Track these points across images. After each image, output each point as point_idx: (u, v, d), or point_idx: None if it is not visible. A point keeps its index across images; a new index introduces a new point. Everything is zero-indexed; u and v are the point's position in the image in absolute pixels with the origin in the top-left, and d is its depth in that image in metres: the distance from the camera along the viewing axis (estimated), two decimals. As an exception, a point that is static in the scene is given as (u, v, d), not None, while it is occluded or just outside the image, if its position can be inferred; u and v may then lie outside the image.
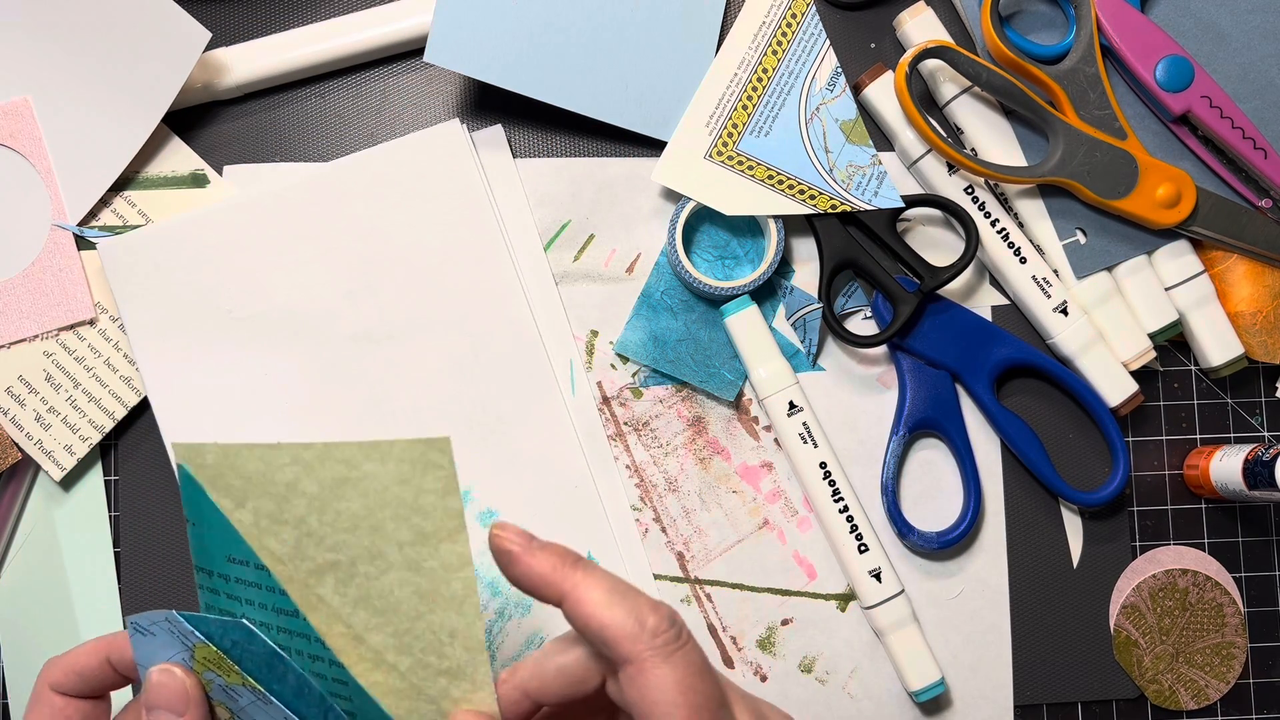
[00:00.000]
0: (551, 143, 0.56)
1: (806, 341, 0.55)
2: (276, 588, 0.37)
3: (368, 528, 0.36)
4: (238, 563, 0.37)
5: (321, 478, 0.36)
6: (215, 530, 0.37)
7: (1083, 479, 0.56)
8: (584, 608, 0.35)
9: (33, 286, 0.52)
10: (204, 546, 0.37)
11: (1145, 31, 0.54)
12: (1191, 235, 0.55)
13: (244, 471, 0.36)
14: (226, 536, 0.37)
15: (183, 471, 0.37)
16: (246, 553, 0.37)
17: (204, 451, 0.36)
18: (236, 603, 0.37)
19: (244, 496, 0.36)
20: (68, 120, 0.52)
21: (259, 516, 0.36)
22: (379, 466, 0.35)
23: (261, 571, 0.37)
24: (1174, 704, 0.55)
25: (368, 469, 0.35)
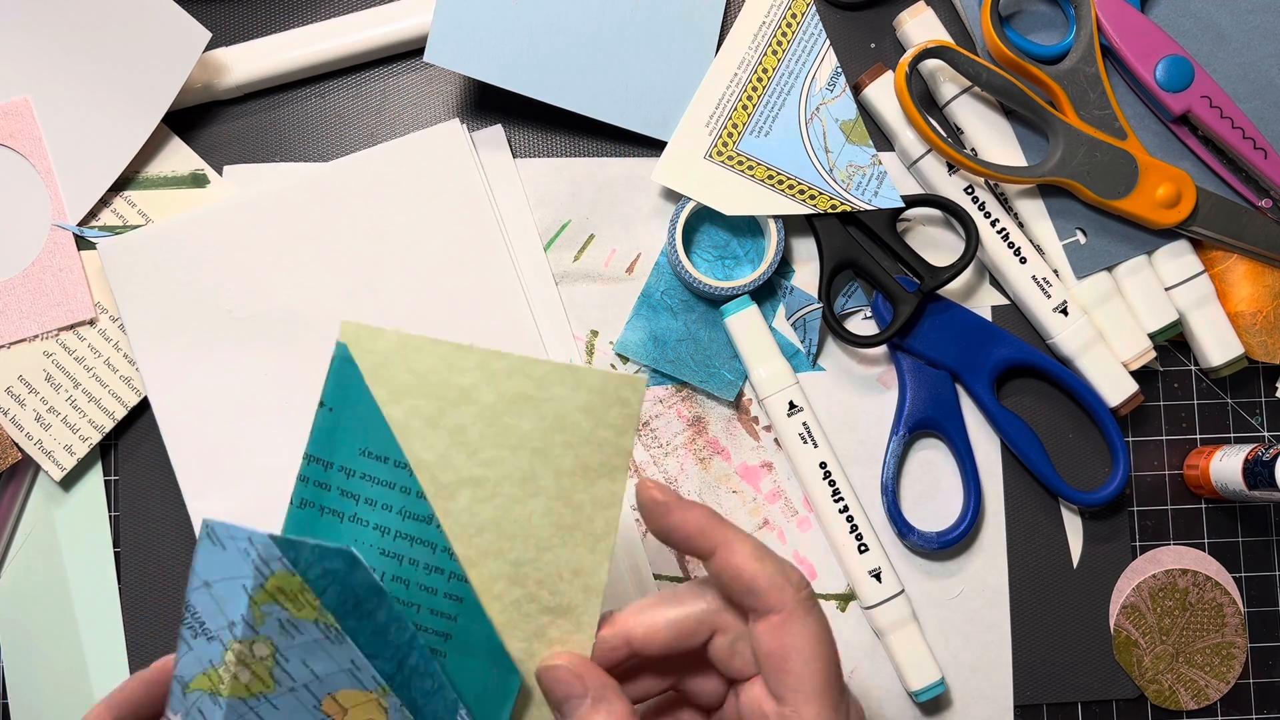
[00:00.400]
0: (551, 143, 0.56)
1: (806, 341, 0.55)
2: (414, 490, 0.36)
3: (531, 449, 0.36)
4: (372, 457, 0.36)
5: (503, 389, 0.35)
6: (356, 419, 0.35)
7: (1083, 479, 0.56)
8: (737, 559, 0.37)
9: (33, 286, 0.53)
10: (333, 434, 0.36)
11: (1145, 31, 0.54)
12: (1191, 235, 0.55)
13: (417, 366, 0.35)
14: (370, 428, 0.35)
15: (341, 351, 0.35)
16: (389, 448, 0.36)
17: (378, 336, 0.35)
18: (351, 500, 0.36)
19: (404, 392, 0.35)
20: (68, 120, 0.52)
21: (411, 416, 0.35)
22: (568, 391, 0.36)
23: (400, 470, 0.36)
24: (1174, 704, 0.55)
25: (555, 391, 0.36)
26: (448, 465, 0.36)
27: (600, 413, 0.36)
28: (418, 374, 0.36)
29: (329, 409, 0.36)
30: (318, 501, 0.36)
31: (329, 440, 0.36)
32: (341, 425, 0.36)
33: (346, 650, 0.35)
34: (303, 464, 0.36)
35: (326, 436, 0.36)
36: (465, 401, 0.36)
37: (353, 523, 0.36)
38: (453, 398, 0.36)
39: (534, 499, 0.36)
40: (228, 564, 0.34)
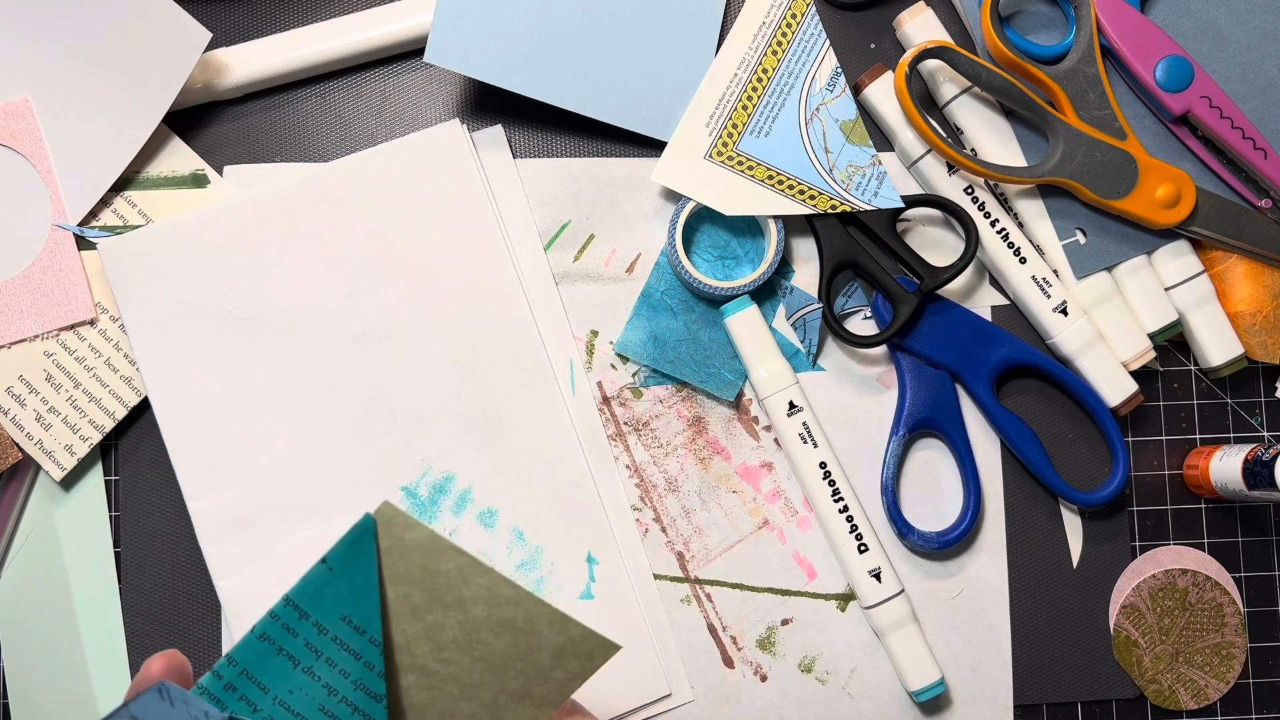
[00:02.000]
0: (551, 143, 0.56)
1: (806, 341, 0.55)
2: (377, 668, 0.38)
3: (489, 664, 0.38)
4: (350, 626, 0.37)
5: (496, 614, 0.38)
6: (353, 587, 0.37)
7: (1083, 479, 0.56)
8: None
9: (33, 286, 0.53)
10: (323, 592, 0.37)
11: (1145, 31, 0.54)
12: (1191, 235, 0.55)
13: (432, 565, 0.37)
14: (362, 600, 0.37)
15: (366, 524, 0.37)
16: (370, 624, 0.37)
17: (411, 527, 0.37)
18: (312, 654, 0.38)
19: (407, 581, 0.38)
20: (68, 120, 0.52)
21: (401, 602, 0.38)
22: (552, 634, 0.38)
23: (374, 648, 0.38)
24: (1174, 704, 0.55)
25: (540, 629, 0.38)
26: (409, 651, 0.38)
27: (565, 658, 0.39)
28: (429, 571, 0.38)
29: (329, 568, 0.37)
30: (279, 642, 0.37)
31: (316, 595, 0.37)
32: (335, 587, 0.37)
33: None
34: (279, 603, 0.37)
35: (315, 591, 0.37)
36: (457, 608, 0.38)
37: (305, 674, 0.37)
38: (448, 602, 0.38)
39: (468, 702, 0.39)
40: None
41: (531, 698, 0.39)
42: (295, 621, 0.37)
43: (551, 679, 0.39)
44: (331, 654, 0.38)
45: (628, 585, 0.53)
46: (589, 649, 0.38)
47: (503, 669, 0.39)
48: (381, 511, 0.37)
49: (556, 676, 0.39)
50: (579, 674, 0.39)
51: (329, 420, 0.52)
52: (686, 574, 0.54)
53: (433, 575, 0.38)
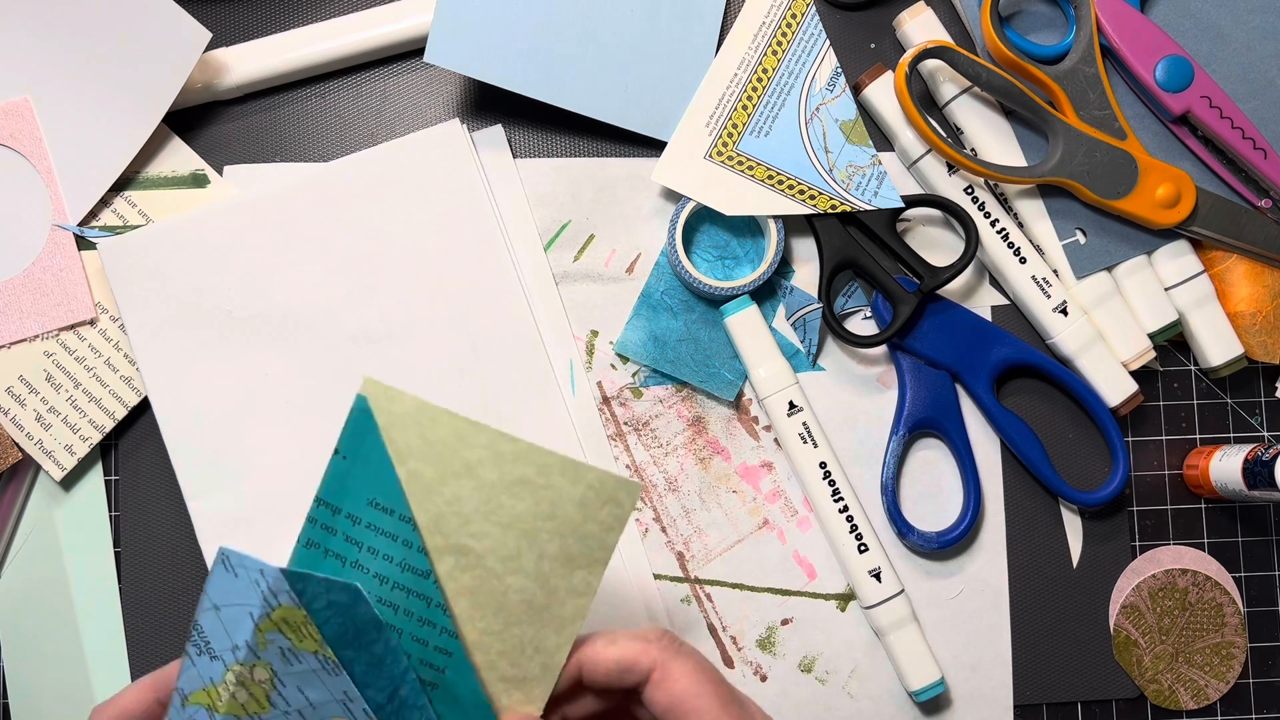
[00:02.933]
0: (551, 143, 0.56)
1: (806, 341, 0.55)
2: (415, 544, 0.38)
3: (520, 530, 0.38)
4: (379, 509, 0.37)
5: (506, 471, 0.37)
6: (369, 469, 0.37)
7: (1083, 479, 0.56)
8: (595, 654, 0.40)
9: (33, 286, 0.53)
10: (344, 482, 0.37)
11: (1145, 31, 0.54)
12: (1191, 235, 0.55)
13: (429, 434, 0.37)
14: (380, 480, 0.37)
15: (360, 403, 0.37)
16: (397, 502, 0.37)
17: (397, 399, 0.37)
18: (354, 547, 0.38)
19: (410, 455, 0.37)
20: (68, 120, 0.52)
21: (412, 479, 0.37)
22: (567, 484, 0.38)
23: (405, 524, 0.37)
24: (1174, 704, 0.55)
25: (555, 480, 0.38)
26: (439, 531, 0.38)
27: (593, 508, 0.38)
28: (428, 440, 0.37)
29: (343, 457, 0.37)
30: (323, 544, 0.38)
31: (340, 487, 0.37)
32: (353, 474, 0.37)
33: (341, 682, 0.37)
34: (313, 506, 0.37)
35: (338, 483, 0.37)
36: (467, 475, 0.38)
37: (354, 569, 0.38)
38: (456, 469, 0.37)
39: (513, 576, 0.39)
40: (238, 591, 0.36)
41: (575, 560, 0.39)
42: (330, 519, 0.38)
43: (587, 534, 0.38)
44: (371, 542, 0.38)
45: (628, 585, 0.53)
46: (611, 493, 0.38)
47: (534, 533, 0.38)
48: (366, 385, 0.37)
49: (591, 530, 0.38)
50: (611, 523, 0.38)
51: (329, 420, 0.52)
52: (686, 574, 0.54)
53: (432, 444, 0.37)
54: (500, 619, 0.39)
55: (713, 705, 0.39)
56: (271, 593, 0.36)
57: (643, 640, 0.40)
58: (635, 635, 0.40)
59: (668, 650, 0.40)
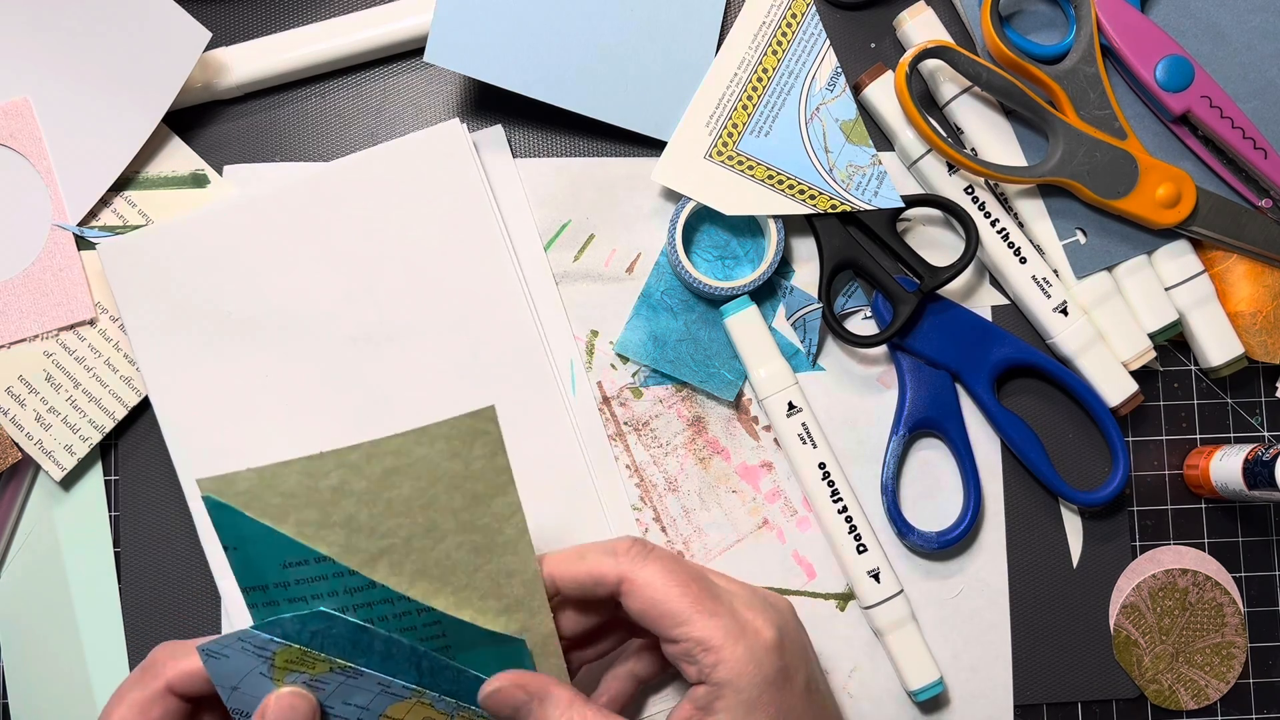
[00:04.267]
0: (551, 143, 0.56)
1: (806, 341, 0.55)
2: (344, 570, 0.38)
3: (420, 506, 0.38)
4: (294, 565, 0.38)
5: (370, 473, 0.38)
6: (261, 544, 0.38)
7: (1083, 479, 0.56)
8: (564, 571, 0.41)
9: (33, 286, 0.53)
10: (251, 565, 0.38)
11: (1145, 31, 0.54)
12: (1191, 235, 0.55)
13: (283, 489, 0.37)
14: (275, 545, 0.38)
15: (211, 502, 0.37)
16: (303, 552, 0.38)
17: (235, 481, 0.37)
18: (301, 604, 0.39)
19: (284, 513, 0.38)
20: (68, 120, 0.52)
21: (302, 527, 0.38)
22: (428, 449, 0.38)
23: (324, 563, 0.38)
24: (1174, 704, 0.55)
25: (418, 454, 0.38)
26: (354, 550, 0.38)
27: (466, 452, 0.38)
28: (286, 494, 0.37)
29: (233, 549, 0.38)
30: (276, 615, 0.39)
31: (251, 570, 0.38)
32: (252, 555, 0.38)
33: (370, 679, 0.39)
34: (244, 596, 0.38)
35: (246, 569, 0.38)
36: (341, 497, 0.38)
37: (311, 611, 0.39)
38: (328, 498, 0.38)
39: (443, 541, 0.39)
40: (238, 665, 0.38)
41: (483, 495, 0.39)
42: (264, 597, 0.38)
43: (477, 473, 0.39)
44: (310, 591, 0.38)
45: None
46: (470, 429, 0.38)
47: (431, 501, 0.38)
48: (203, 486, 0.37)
49: (478, 468, 0.39)
50: (491, 450, 0.38)
51: (329, 420, 0.52)
52: (686, 574, 0.54)
53: (292, 495, 0.37)
54: (460, 575, 0.39)
55: (683, 604, 0.39)
56: (260, 648, 0.38)
57: (611, 553, 0.40)
58: (604, 548, 0.41)
59: (635, 558, 0.40)
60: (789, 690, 0.41)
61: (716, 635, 0.39)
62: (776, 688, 0.40)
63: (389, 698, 0.39)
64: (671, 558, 0.41)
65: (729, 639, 0.39)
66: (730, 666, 0.39)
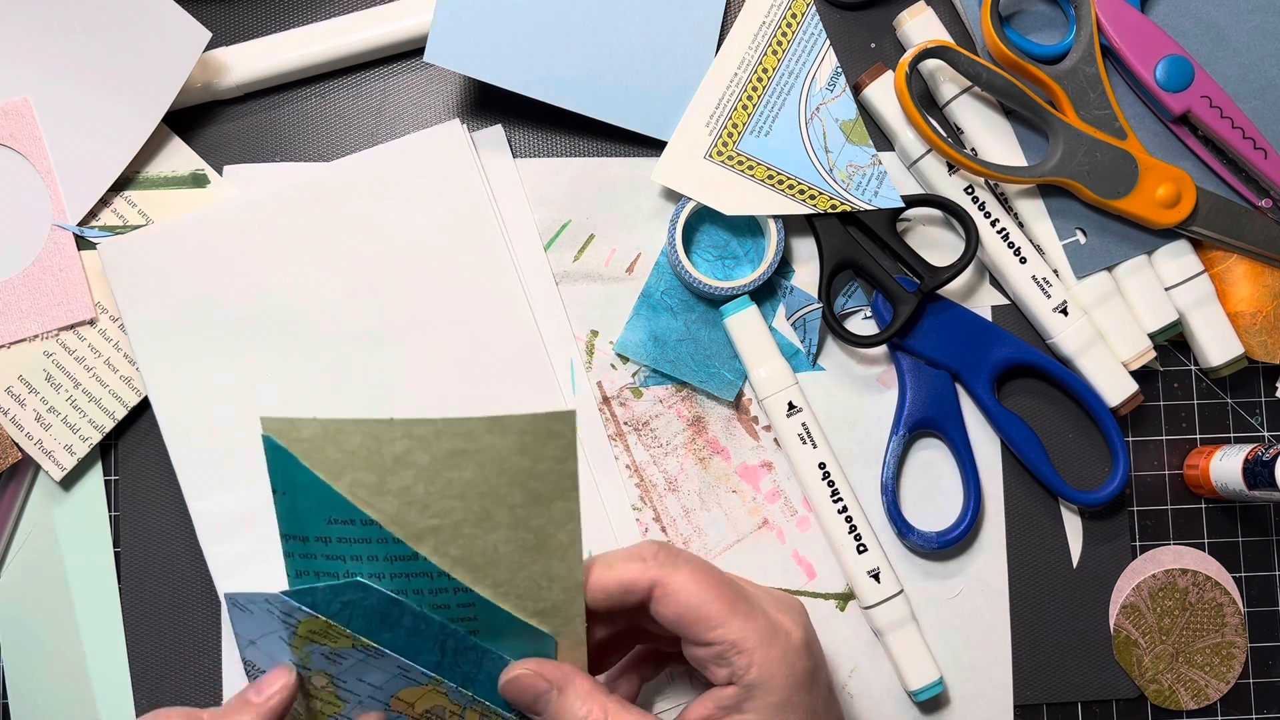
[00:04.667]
0: (551, 143, 0.56)
1: (806, 341, 0.55)
2: (389, 537, 0.38)
3: (478, 493, 0.38)
4: (340, 523, 0.38)
5: (435, 450, 0.37)
6: (311, 495, 0.37)
7: (1083, 479, 0.56)
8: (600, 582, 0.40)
9: (33, 286, 0.53)
10: (296, 514, 0.38)
11: (1145, 31, 0.54)
12: (1191, 235, 0.55)
13: (345, 445, 0.37)
14: (325, 499, 0.37)
15: (270, 443, 0.37)
16: (350, 512, 0.37)
17: (299, 426, 0.36)
18: (338, 561, 0.38)
19: (340, 470, 0.37)
20: (68, 120, 0.52)
21: (356, 488, 0.37)
22: (499, 439, 0.37)
23: (370, 526, 0.38)
24: (1174, 704, 0.55)
25: (487, 441, 0.37)
26: (403, 523, 0.38)
27: (536, 450, 0.38)
28: (348, 451, 0.37)
29: (282, 493, 0.37)
30: (310, 570, 0.38)
31: (294, 518, 0.38)
32: (300, 503, 0.37)
33: (389, 660, 0.39)
34: (283, 543, 0.38)
35: (291, 516, 0.38)
36: (402, 467, 0.37)
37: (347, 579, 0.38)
38: (389, 465, 0.37)
39: (494, 533, 0.39)
40: (261, 623, 0.38)
41: (543, 497, 0.38)
42: (303, 548, 0.38)
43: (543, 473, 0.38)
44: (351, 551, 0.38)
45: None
46: (547, 429, 0.38)
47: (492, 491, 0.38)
48: (266, 425, 0.36)
49: (545, 468, 0.38)
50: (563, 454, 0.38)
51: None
52: (686, 574, 0.54)
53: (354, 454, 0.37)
54: (503, 570, 0.39)
55: (717, 607, 0.39)
56: (286, 614, 0.37)
57: (639, 559, 0.40)
58: (631, 554, 0.40)
59: (665, 564, 0.40)
60: (815, 690, 0.41)
61: (751, 638, 0.39)
62: (805, 689, 0.40)
63: (405, 681, 0.39)
64: (700, 561, 0.41)
65: (763, 641, 0.40)
66: (764, 668, 0.39)
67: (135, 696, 0.53)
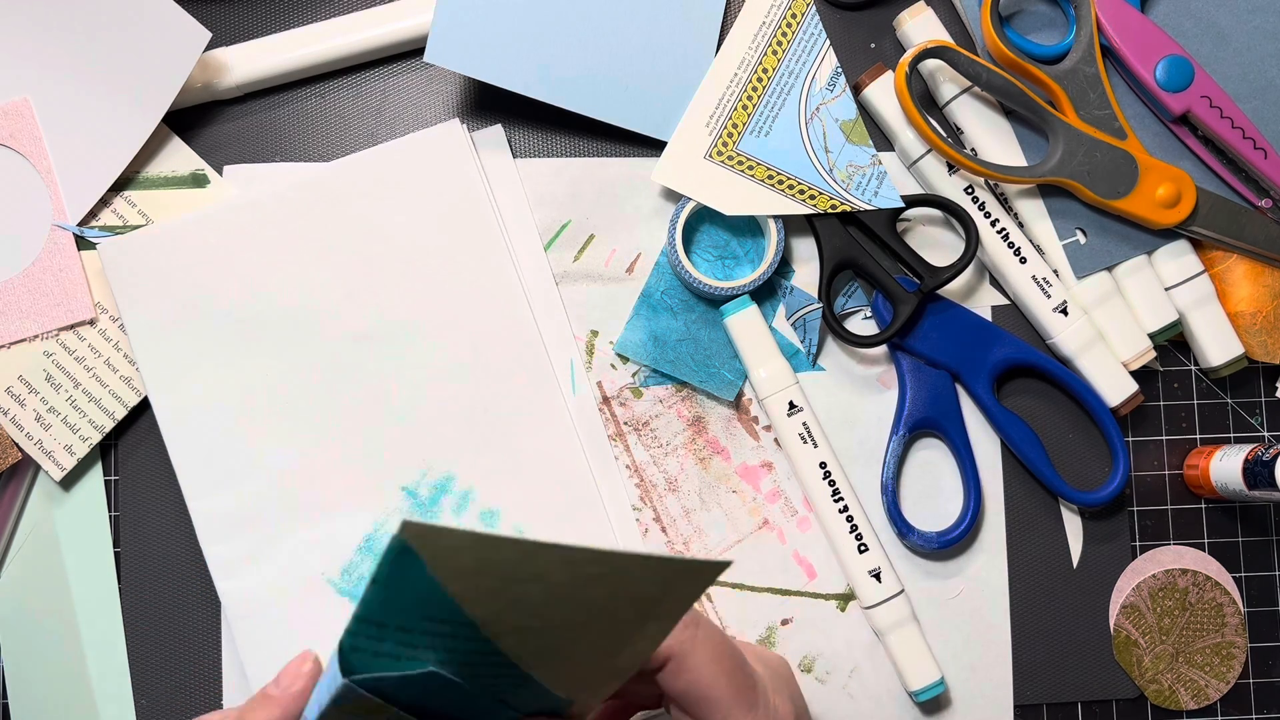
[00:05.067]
0: (551, 143, 0.56)
1: (806, 341, 0.55)
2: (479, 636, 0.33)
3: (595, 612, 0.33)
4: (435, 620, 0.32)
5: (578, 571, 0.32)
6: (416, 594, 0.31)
7: (1083, 479, 0.56)
8: None
9: (33, 286, 0.53)
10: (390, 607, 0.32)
11: (1145, 31, 0.54)
12: (1191, 235, 0.55)
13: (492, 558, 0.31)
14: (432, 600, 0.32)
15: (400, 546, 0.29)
16: (453, 613, 0.32)
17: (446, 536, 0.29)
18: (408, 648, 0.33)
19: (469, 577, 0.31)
20: (68, 120, 0.52)
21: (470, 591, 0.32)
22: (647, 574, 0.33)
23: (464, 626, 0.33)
24: (1174, 704, 0.55)
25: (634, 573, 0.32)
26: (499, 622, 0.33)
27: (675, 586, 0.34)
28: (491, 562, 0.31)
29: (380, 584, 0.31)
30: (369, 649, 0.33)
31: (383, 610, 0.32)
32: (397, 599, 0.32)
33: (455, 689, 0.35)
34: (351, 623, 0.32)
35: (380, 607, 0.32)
36: (534, 580, 0.32)
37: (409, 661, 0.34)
38: (522, 578, 0.31)
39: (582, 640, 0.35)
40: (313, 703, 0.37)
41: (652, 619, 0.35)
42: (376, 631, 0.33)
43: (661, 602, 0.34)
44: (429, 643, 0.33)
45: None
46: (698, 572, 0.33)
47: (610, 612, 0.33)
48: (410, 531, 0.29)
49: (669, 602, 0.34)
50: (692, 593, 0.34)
51: (329, 420, 0.52)
52: (686, 574, 0.54)
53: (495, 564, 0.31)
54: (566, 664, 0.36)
55: (726, 694, 0.39)
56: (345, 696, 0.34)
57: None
58: None
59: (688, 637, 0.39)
60: None
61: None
62: None
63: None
64: (718, 636, 0.40)
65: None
66: None
67: (135, 696, 0.53)
